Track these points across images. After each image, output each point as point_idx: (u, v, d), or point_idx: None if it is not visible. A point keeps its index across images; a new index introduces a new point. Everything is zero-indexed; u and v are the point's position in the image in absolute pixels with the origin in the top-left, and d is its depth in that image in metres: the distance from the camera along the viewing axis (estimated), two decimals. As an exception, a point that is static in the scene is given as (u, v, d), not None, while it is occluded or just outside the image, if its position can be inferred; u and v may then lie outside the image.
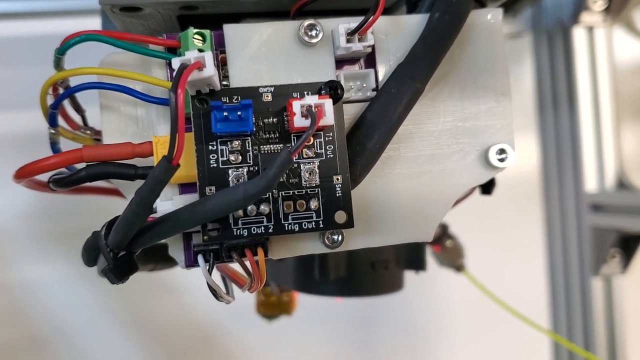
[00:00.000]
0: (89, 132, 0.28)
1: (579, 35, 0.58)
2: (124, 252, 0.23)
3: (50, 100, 0.26)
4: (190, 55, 0.21)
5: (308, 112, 0.22)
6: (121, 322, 0.65)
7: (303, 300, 0.48)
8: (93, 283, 0.63)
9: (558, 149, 0.61)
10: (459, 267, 0.47)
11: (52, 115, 0.26)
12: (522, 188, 0.67)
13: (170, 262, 0.34)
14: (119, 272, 0.23)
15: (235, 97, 0.23)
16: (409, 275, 0.39)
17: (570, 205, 0.59)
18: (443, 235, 0.45)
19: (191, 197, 0.24)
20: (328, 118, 0.22)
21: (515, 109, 0.27)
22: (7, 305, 0.62)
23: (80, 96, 0.27)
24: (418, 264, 0.37)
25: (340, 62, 0.26)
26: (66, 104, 0.27)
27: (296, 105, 0.22)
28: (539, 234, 0.62)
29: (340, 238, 0.25)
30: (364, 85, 0.26)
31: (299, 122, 0.22)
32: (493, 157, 0.26)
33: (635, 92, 0.70)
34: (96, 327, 0.64)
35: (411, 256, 0.37)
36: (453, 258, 0.46)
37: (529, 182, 0.65)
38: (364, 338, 0.69)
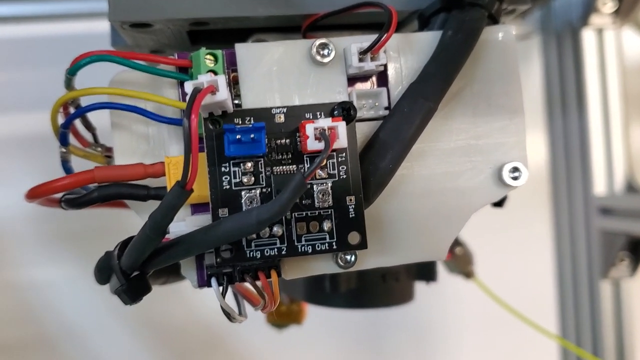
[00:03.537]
0: (99, 149, 0.28)
1: (588, 37, 0.57)
2: (137, 272, 0.23)
3: (61, 119, 0.26)
4: (203, 79, 0.21)
5: (321, 135, 0.22)
6: (129, 322, 0.65)
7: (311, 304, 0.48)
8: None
9: (567, 152, 0.60)
10: (468, 274, 0.47)
11: (63, 134, 0.26)
12: (530, 191, 0.66)
13: (182, 275, 0.34)
14: (132, 293, 0.23)
15: (248, 118, 0.23)
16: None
17: (579, 209, 0.59)
18: (453, 242, 0.45)
19: (203, 218, 0.24)
20: (341, 141, 0.22)
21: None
22: (16, 305, 0.63)
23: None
24: (429, 275, 0.37)
25: (352, 80, 0.26)
26: (77, 121, 0.27)
27: (309, 128, 0.22)
28: (548, 237, 0.62)
29: (353, 258, 0.25)
30: (377, 103, 0.25)
31: (312, 145, 0.22)
32: (506, 176, 0.26)
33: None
34: (104, 328, 0.64)
35: (422, 267, 0.37)
36: (463, 265, 0.46)
37: (538, 185, 0.65)
38: (371, 342, 0.69)
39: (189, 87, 0.21)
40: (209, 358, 0.67)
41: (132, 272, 0.23)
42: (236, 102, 0.25)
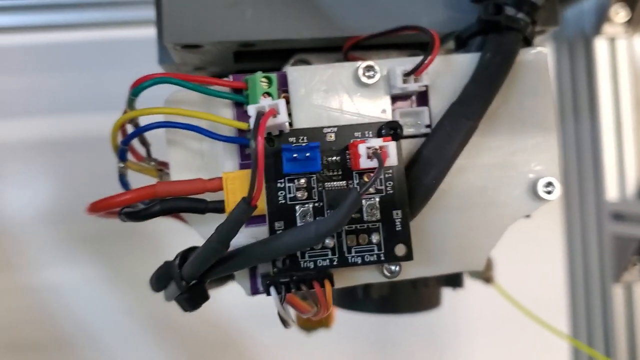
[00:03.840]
0: (153, 163, 0.30)
1: (600, 46, 0.59)
2: (195, 281, 0.25)
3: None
4: (265, 103, 0.23)
5: (374, 155, 0.23)
6: (143, 323, 0.66)
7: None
8: (116, 286, 0.64)
9: (579, 158, 0.61)
10: (488, 279, 0.48)
11: (122, 150, 0.27)
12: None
13: (221, 282, 0.35)
14: (192, 301, 0.25)
15: (302, 137, 0.25)
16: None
17: (591, 214, 0.60)
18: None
19: (258, 230, 0.25)
20: (392, 159, 0.24)
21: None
22: (32, 306, 0.64)
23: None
24: (456, 281, 0.39)
25: (394, 99, 0.27)
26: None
27: (362, 148, 0.24)
28: (560, 242, 0.64)
29: (398, 268, 0.26)
30: (418, 122, 0.27)
31: (365, 163, 0.24)
32: (541, 190, 0.27)
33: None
34: (119, 329, 0.65)
35: (450, 274, 0.38)
36: (483, 271, 0.47)
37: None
38: (382, 343, 0.70)
39: (252, 111, 0.23)
40: (220, 357, 0.68)
41: (192, 281, 0.25)
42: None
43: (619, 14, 0.57)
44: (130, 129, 0.28)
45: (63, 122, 0.64)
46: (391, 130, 0.25)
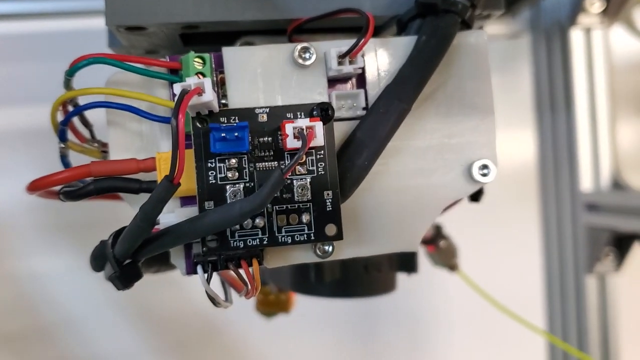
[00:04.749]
0: (96, 144, 0.30)
1: (576, 36, 0.59)
2: (129, 260, 0.25)
3: (60, 117, 0.28)
4: (191, 82, 0.23)
5: (300, 135, 0.23)
6: (126, 313, 0.67)
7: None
8: (99, 275, 0.64)
9: (555, 149, 0.62)
10: (452, 267, 0.48)
11: (62, 131, 0.27)
12: (518, 187, 0.68)
13: (172, 265, 0.35)
14: (124, 279, 0.25)
15: (233, 118, 0.25)
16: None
17: (566, 205, 0.61)
18: (437, 235, 0.46)
19: (192, 210, 0.26)
20: (318, 140, 0.24)
21: (513, 109, 0.28)
22: (15, 296, 0.64)
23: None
24: (410, 267, 0.39)
25: (332, 81, 0.28)
26: (75, 119, 0.29)
27: (289, 128, 0.24)
28: (535, 232, 0.64)
29: (331, 249, 0.26)
30: (355, 104, 0.27)
31: (292, 143, 0.24)
32: (476, 172, 0.28)
33: (631, 89, 0.71)
34: (102, 318, 0.65)
35: (403, 259, 0.39)
36: (447, 258, 0.47)
37: (526, 181, 0.66)
38: (365, 331, 0.71)
39: (177, 88, 0.23)
40: (204, 346, 0.68)
41: (125, 260, 0.25)
42: (223, 101, 0.27)
43: (594, 5, 0.57)
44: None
45: (47, 111, 0.64)
46: (322, 111, 0.25)
